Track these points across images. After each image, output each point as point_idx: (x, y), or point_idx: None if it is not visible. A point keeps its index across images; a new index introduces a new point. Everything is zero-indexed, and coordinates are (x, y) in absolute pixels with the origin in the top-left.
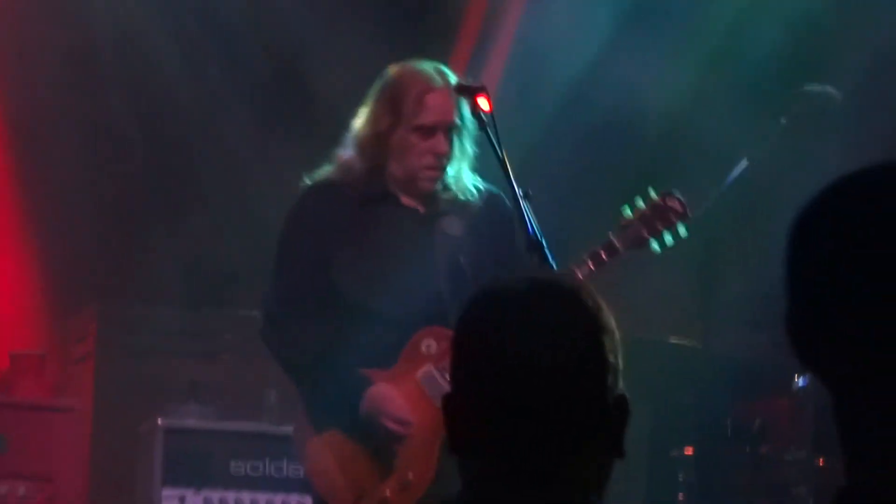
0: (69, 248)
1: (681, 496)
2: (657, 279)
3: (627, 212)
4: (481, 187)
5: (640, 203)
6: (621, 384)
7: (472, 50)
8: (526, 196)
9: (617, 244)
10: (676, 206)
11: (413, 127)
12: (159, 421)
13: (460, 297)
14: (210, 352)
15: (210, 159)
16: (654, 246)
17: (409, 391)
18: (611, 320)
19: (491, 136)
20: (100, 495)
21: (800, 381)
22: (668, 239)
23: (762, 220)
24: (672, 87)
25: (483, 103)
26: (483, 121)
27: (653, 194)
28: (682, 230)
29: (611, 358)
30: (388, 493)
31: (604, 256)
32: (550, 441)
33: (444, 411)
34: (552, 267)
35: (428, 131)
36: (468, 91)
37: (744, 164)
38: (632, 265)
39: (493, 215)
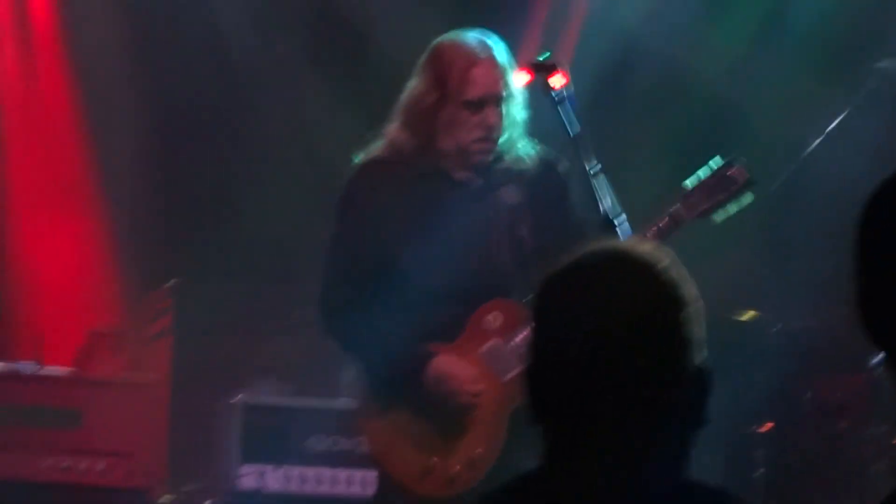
0: (145, 226)
1: (759, 472)
2: (734, 255)
3: (691, 181)
4: (535, 152)
5: (704, 172)
6: (701, 356)
7: (545, 21)
8: (600, 173)
9: (680, 213)
10: (740, 174)
11: (461, 102)
12: (237, 397)
13: (521, 268)
14: (288, 328)
15: (287, 133)
16: (718, 215)
17: (473, 366)
18: (690, 292)
19: (563, 114)
20: (178, 472)
21: (878, 356)
22: (732, 208)
23: (838, 194)
24: (740, 63)
25: (556, 80)
26: (556, 99)
27: (716, 163)
28: (745, 199)
29: (690, 331)
30: (457, 468)
31: (667, 226)
32: (630, 413)
33: (524, 383)
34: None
35: (476, 105)
36: (542, 68)
37: (818, 139)
38: (709, 241)
39: (549, 179)
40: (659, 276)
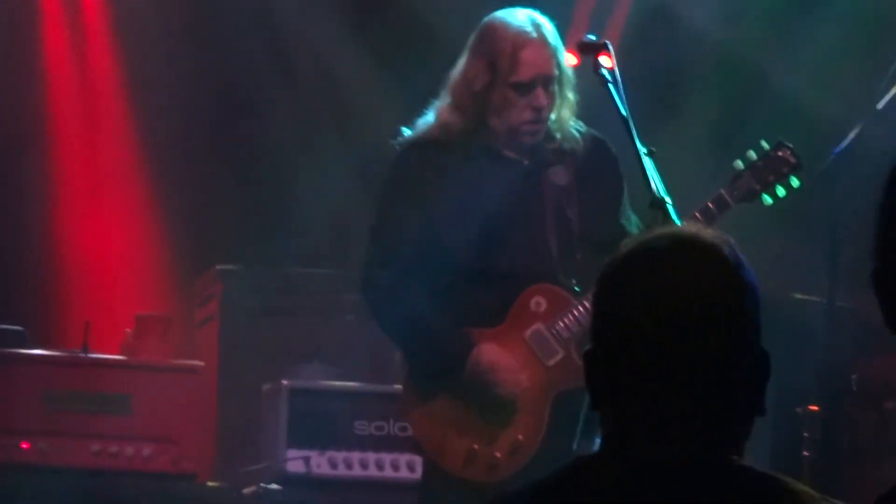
0: (192, 211)
1: (806, 453)
2: (783, 235)
3: (739, 164)
4: (584, 132)
5: (752, 155)
6: (761, 341)
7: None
8: (650, 154)
9: (727, 197)
10: (788, 157)
11: (510, 84)
12: (284, 382)
13: (568, 252)
14: (334, 312)
15: (334, 116)
16: (766, 198)
17: (516, 351)
18: (753, 277)
19: (613, 93)
20: (225, 456)
21: None
22: (780, 191)
23: (885, 174)
24: (786, 42)
25: (605, 61)
26: (605, 79)
27: (765, 145)
28: (794, 182)
29: (752, 315)
30: (498, 454)
31: (714, 209)
32: (691, 396)
33: (584, 367)
34: (677, 224)
35: (526, 87)
36: (590, 48)
37: (866, 118)
38: (753, 221)
39: (599, 161)
40: (722, 260)
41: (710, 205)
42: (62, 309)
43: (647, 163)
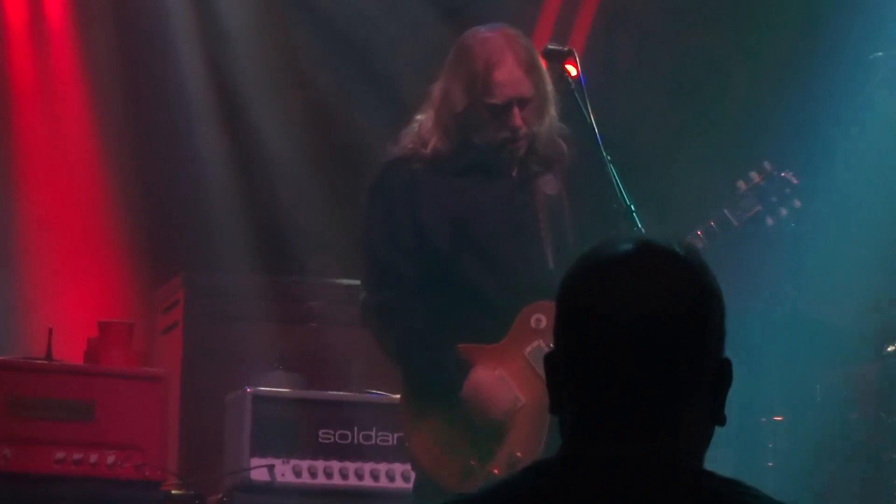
0: (158, 218)
1: (770, 463)
2: (747, 244)
3: (741, 184)
4: (568, 137)
5: (754, 175)
6: (724, 349)
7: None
8: (613, 161)
9: (731, 218)
10: (791, 178)
11: (485, 105)
12: (248, 389)
13: (565, 265)
14: (297, 320)
15: (300, 123)
16: (768, 220)
17: (517, 367)
18: (716, 283)
19: (579, 101)
20: (188, 464)
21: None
22: (783, 212)
23: (850, 183)
24: (756, 54)
25: (571, 69)
26: (571, 87)
27: (767, 166)
28: (796, 203)
29: (715, 322)
30: (495, 471)
31: (717, 230)
32: (650, 402)
33: (546, 369)
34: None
35: (501, 109)
36: (556, 56)
37: (829, 127)
38: None
39: (584, 165)
40: (685, 266)
41: (713, 224)
42: (26, 315)
43: (612, 170)
